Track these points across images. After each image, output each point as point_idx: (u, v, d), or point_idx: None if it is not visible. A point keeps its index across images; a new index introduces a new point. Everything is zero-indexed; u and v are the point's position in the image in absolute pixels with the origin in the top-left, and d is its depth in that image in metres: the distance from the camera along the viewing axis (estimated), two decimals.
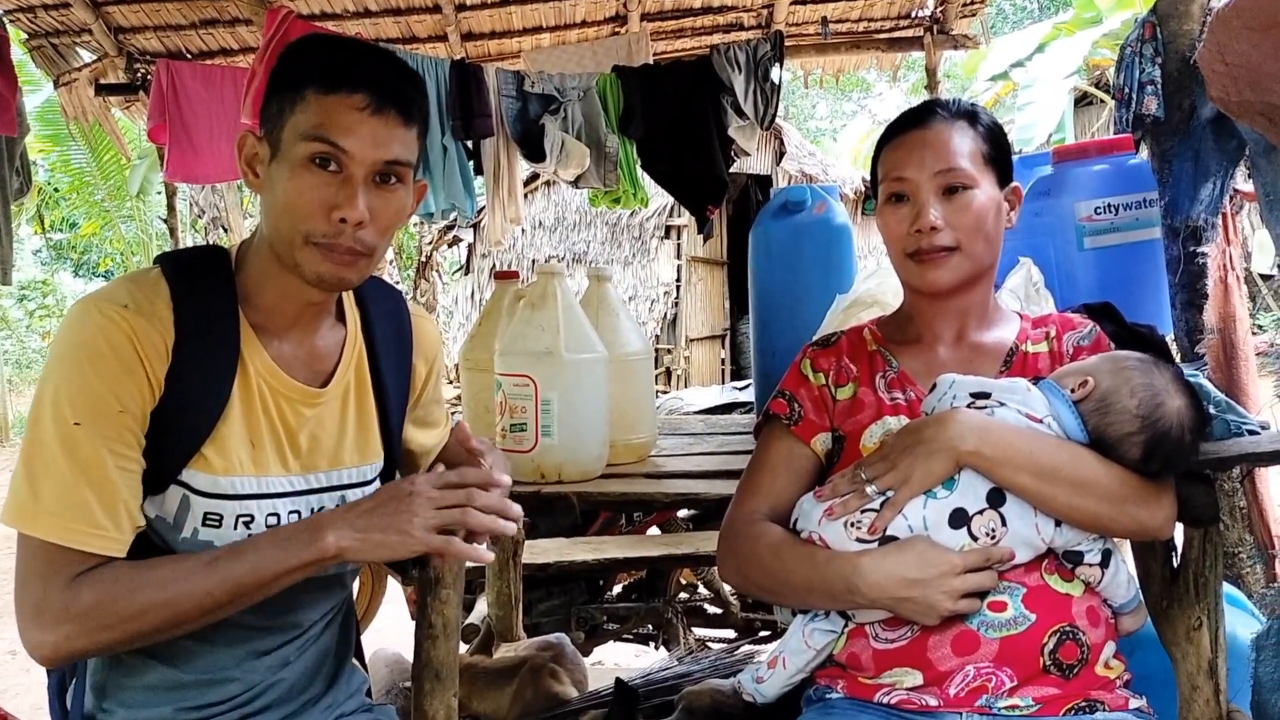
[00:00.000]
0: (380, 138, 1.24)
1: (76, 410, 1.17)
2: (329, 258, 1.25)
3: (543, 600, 3.60)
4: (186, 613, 1.19)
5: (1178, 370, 1.40)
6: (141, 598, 1.17)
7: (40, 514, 1.16)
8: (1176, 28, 2.51)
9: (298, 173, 1.23)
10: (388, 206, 1.28)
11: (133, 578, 1.18)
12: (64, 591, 1.15)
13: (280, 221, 1.25)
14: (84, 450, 1.17)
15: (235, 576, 1.20)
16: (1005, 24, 18.98)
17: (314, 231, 1.23)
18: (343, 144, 1.22)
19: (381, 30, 4.83)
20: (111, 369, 1.19)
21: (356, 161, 1.23)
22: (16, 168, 3.90)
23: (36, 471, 1.17)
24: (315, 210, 1.23)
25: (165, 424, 1.23)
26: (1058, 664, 1.31)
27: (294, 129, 1.23)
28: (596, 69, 4.60)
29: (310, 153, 1.22)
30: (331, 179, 1.23)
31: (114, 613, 1.16)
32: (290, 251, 1.26)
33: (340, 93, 1.22)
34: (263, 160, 1.28)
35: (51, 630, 1.15)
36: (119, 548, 1.19)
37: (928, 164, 1.46)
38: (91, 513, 1.17)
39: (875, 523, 1.33)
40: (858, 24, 5.23)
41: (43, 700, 1.49)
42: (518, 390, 1.83)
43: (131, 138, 9.81)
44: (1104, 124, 11.15)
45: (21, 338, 16.25)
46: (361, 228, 1.25)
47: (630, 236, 12.10)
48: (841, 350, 1.59)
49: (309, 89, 1.23)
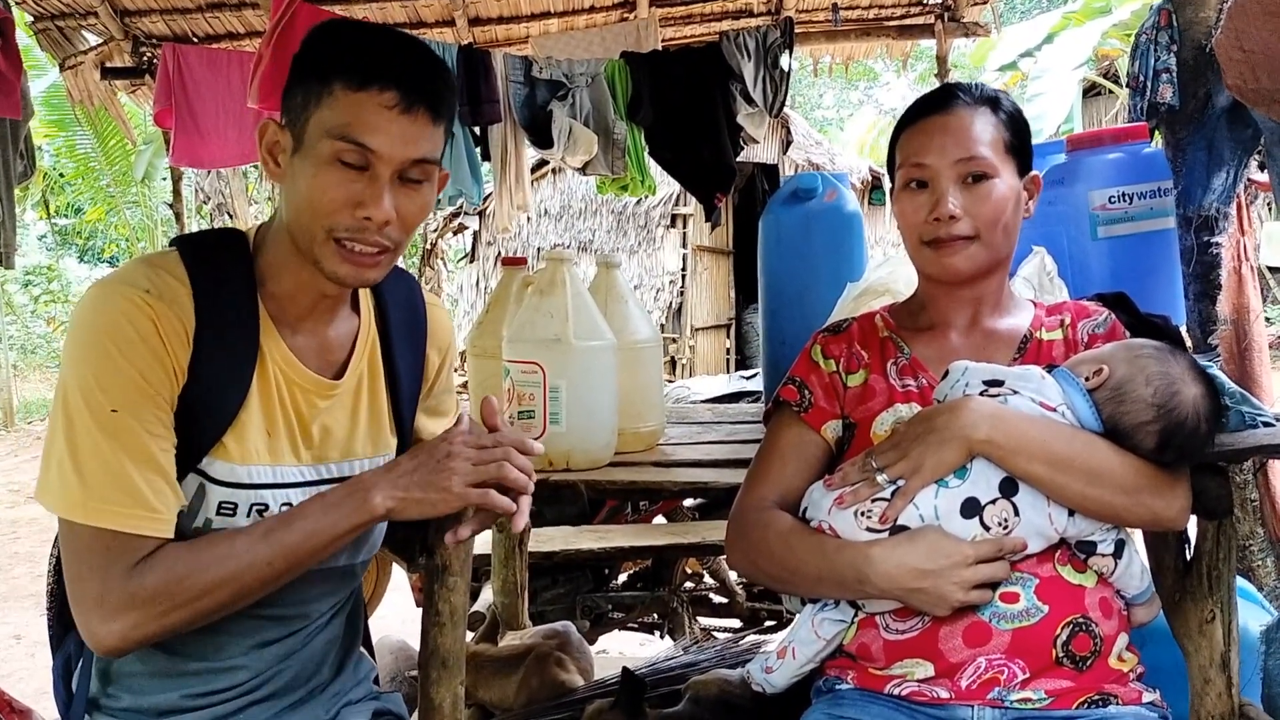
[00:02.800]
0: (409, 136, 1.22)
1: (111, 397, 1.16)
2: (350, 258, 1.24)
3: (548, 588, 3.60)
4: (249, 585, 1.20)
5: (1193, 360, 1.38)
6: (206, 576, 1.17)
7: (91, 501, 1.15)
8: (1192, 15, 2.49)
9: (323, 170, 1.21)
10: (412, 204, 1.26)
11: (193, 558, 1.18)
12: (126, 580, 1.15)
13: (302, 215, 1.23)
14: (126, 435, 1.16)
15: (291, 544, 1.21)
16: (1014, 14, 18.88)
17: (337, 226, 1.22)
18: (371, 144, 1.20)
19: (389, 14, 4.81)
20: (140, 353, 1.18)
21: (384, 161, 1.21)
22: (21, 151, 3.88)
23: (82, 459, 1.15)
24: (340, 207, 1.21)
25: (188, 412, 1.22)
26: (1070, 656, 1.30)
27: (320, 124, 1.21)
28: (605, 55, 4.58)
29: (338, 151, 1.20)
30: (358, 176, 1.21)
31: (181, 593, 1.16)
32: (311, 245, 1.24)
33: (370, 89, 1.19)
34: (284, 150, 1.26)
35: (119, 619, 1.15)
36: (170, 529, 1.19)
37: (949, 151, 1.43)
38: (144, 496, 1.16)
39: (886, 512, 1.32)
40: (868, 11, 5.21)
41: (47, 685, 1.49)
42: (526, 377, 1.82)
43: (137, 122, 9.79)
44: (1113, 115, 11.09)
45: (26, 323, 16.28)
46: (387, 225, 1.23)
47: (636, 225, 12.07)
48: (853, 337, 1.57)
49: (337, 83, 1.20)
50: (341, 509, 1.24)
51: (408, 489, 1.24)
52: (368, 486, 1.25)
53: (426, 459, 1.26)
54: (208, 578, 1.17)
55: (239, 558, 1.19)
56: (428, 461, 1.26)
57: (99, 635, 1.16)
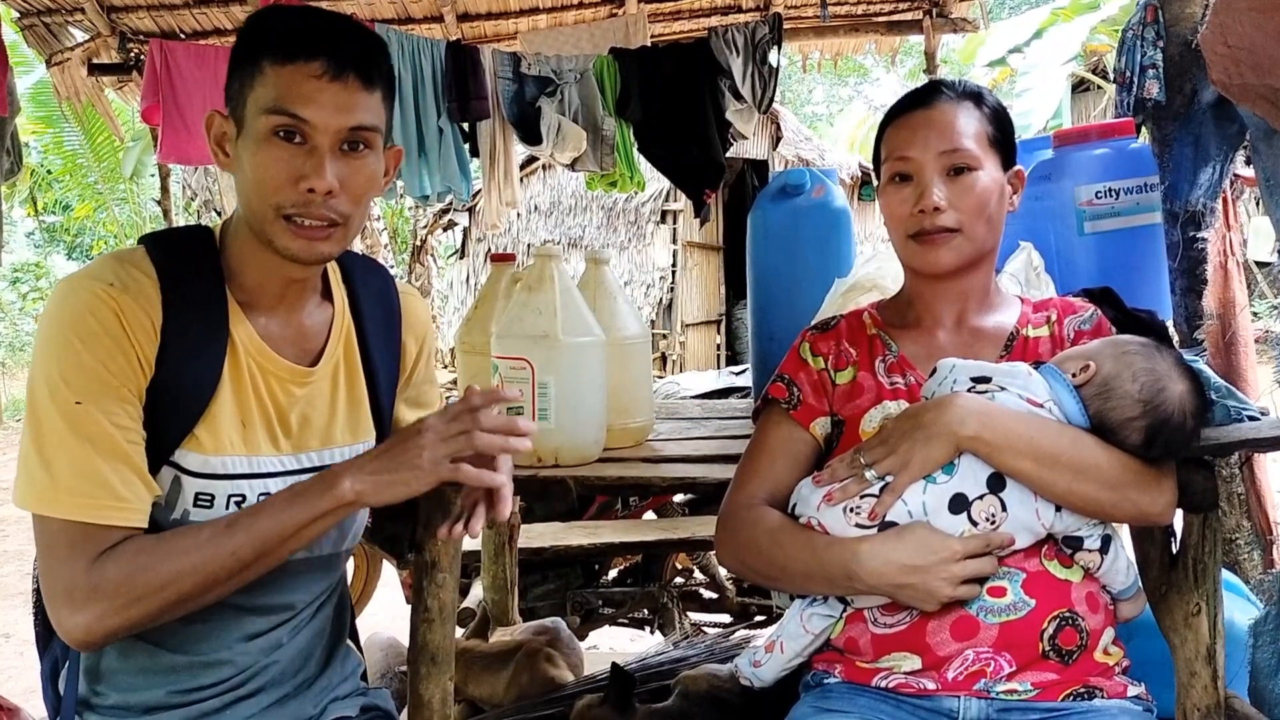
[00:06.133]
0: (342, 104, 1.22)
1: (75, 389, 1.16)
2: (301, 233, 1.24)
3: (538, 584, 3.60)
4: (214, 575, 1.19)
5: (1179, 355, 1.39)
6: (169, 566, 1.17)
7: (59, 494, 1.15)
8: (1178, 11, 2.50)
9: (262, 147, 1.21)
10: (357, 174, 1.26)
11: (156, 548, 1.18)
12: (89, 571, 1.15)
13: (251, 198, 1.24)
14: (91, 427, 1.16)
15: (258, 532, 1.20)
16: (1003, 9, 18.91)
17: (284, 203, 1.22)
18: (303, 114, 1.20)
19: (377, 10, 4.80)
20: (105, 346, 1.18)
21: (320, 131, 1.21)
22: (7, 148, 3.85)
23: (48, 453, 1.16)
24: (283, 183, 1.21)
25: (158, 404, 1.22)
26: (1057, 650, 1.31)
27: (255, 103, 1.22)
28: (594, 51, 4.58)
29: (272, 126, 1.21)
30: (297, 150, 1.22)
31: (143, 584, 1.15)
32: (263, 226, 1.24)
33: (296, 62, 1.20)
34: (230, 138, 1.27)
35: (84, 611, 1.14)
36: (141, 518, 1.19)
37: (932, 144, 1.44)
38: (110, 485, 1.16)
39: (875, 508, 1.32)
40: (856, 7, 5.21)
41: (35, 684, 1.48)
42: (514, 373, 1.82)
43: (125, 119, 9.74)
44: (1101, 110, 11.12)
45: (14, 320, 16.20)
46: (332, 197, 1.23)
47: (626, 221, 12.07)
48: (841, 334, 1.57)
49: (265, 61, 1.21)
50: (308, 496, 1.23)
51: (376, 471, 1.23)
52: (338, 473, 1.24)
53: (399, 441, 1.26)
54: (170, 568, 1.16)
55: (202, 548, 1.18)
56: (399, 443, 1.26)
57: (66, 627, 1.16)
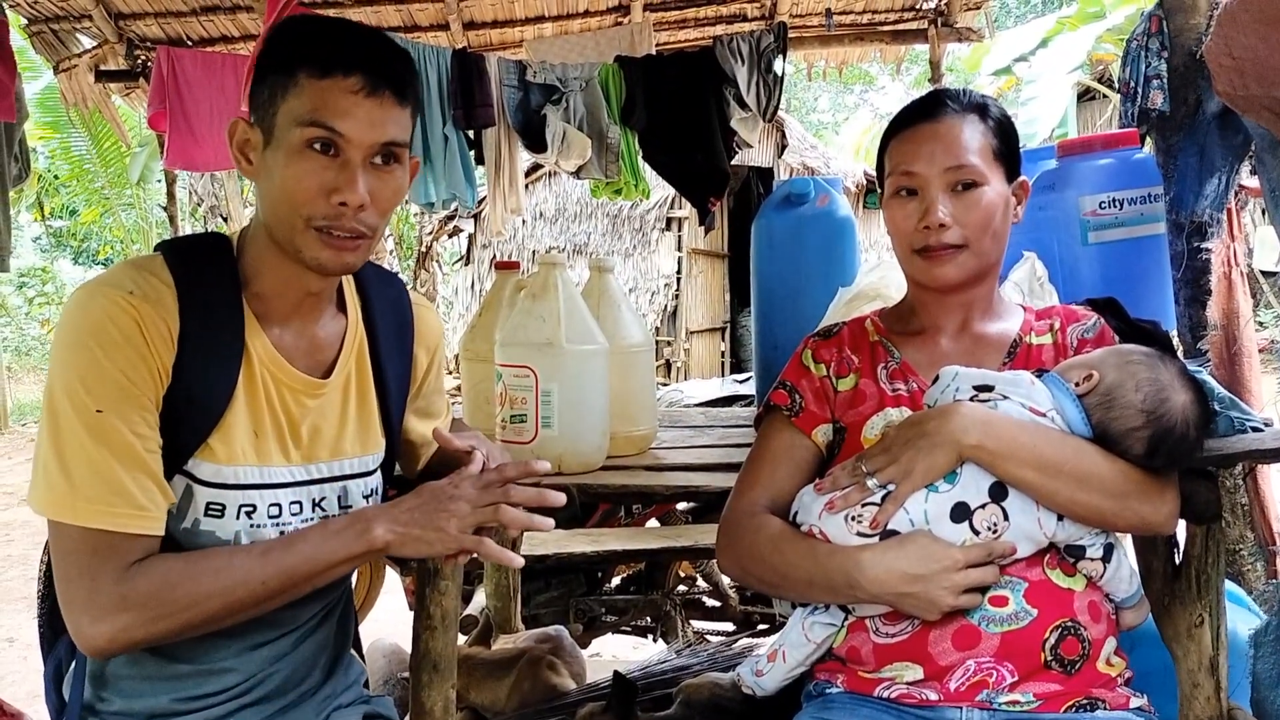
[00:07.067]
0: (377, 119, 1.23)
1: (96, 397, 1.17)
2: (330, 243, 1.25)
3: (541, 592, 3.60)
4: (241, 600, 1.20)
5: (1183, 365, 1.39)
6: (199, 586, 1.18)
7: (78, 501, 1.15)
8: (1183, 22, 2.50)
9: (295, 158, 1.22)
10: (386, 187, 1.27)
11: (187, 567, 1.19)
12: (117, 582, 1.15)
13: (279, 207, 1.24)
14: (111, 435, 1.16)
15: (289, 566, 1.22)
16: (1009, 18, 18.93)
17: (315, 215, 1.23)
18: (340, 128, 1.21)
19: (383, 18, 4.82)
20: (125, 354, 1.18)
21: (354, 145, 1.23)
22: (15, 154, 3.87)
23: (67, 460, 1.16)
24: (315, 195, 1.22)
25: (173, 413, 1.23)
26: (1059, 660, 1.31)
27: (289, 114, 1.22)
28: (599, 59, 4.58)
29: (307, 138, 1.21)
30: (330, 163, 1.23)
31: (172, 601, 1.17)
32: (291, 237, 1.25)
33: (335, 76, 1.21)
34: (256, 146, 1.27)
35: (108, 621, 1.15)
36: (159, 527, 1.20)
37: (938, 159, 1.44)
38: (131, 494, 1.17)
39: (877, 517, 1.32)
40: (861, 16, 5.21)
41: (39, 688, 1.48)
42: (518, 381, 1.82)
43: (132, 125, 9.78)
44: (1107, 119, 11.11)
45: (21, 325, 16.24)
46: (362, 210, 1.24)
47: (631, 228, 12.07)
48: (843, 341, 1.58)
49: (302, 73, 1.22)
50: (342, 537, 1.25)
51: (408, 525, 1.26)
52: (370, 518, 1.27)
53: (430, 499, 1.28)
54: (201, 588, 1.18)
55: (234, 572, 1.20)
56: (430, 501, 1.28)
57: (87, 635, 1.16)
